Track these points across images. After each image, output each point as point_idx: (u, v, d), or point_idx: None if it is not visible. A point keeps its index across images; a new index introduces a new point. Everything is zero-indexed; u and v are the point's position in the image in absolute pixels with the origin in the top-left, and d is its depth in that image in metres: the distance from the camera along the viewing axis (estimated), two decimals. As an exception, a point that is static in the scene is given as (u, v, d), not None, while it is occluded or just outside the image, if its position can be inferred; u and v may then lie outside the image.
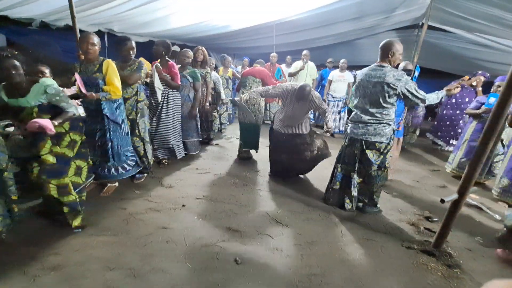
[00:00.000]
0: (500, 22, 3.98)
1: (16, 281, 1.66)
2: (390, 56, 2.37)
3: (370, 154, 2.50)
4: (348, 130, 2.62)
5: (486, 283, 0.44)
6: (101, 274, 1.74)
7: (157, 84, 3.10)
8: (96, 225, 2.23)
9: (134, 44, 2.74)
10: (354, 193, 2.64)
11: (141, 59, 2.96)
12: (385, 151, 2.52)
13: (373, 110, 2.42)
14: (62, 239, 2.03)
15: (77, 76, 2.32)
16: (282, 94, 3.13)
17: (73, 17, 3.02)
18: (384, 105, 2.38)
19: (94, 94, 2.32)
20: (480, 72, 4.85)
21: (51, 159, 2.02)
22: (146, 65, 3.06)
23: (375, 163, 2.52)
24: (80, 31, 3.15)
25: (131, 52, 2.72)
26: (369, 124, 2.45)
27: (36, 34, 4.78)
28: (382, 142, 2.47)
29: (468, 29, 4.99)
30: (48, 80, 1.99)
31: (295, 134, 3.17)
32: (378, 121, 2.43)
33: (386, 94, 2.34)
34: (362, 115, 2.48)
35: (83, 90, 2.28)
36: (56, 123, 1.96)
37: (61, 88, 2.03)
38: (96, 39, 2.38)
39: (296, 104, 3.06)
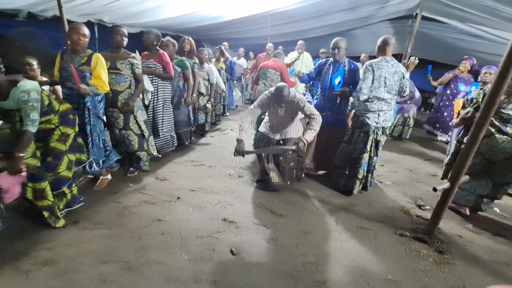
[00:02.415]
0: (493, 13, 3.99)
1: (8, 277, 1.64)
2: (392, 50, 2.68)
3: (383, 139, 2.79)
4: (369, 122, 2.66)
5: None
6: (96, 268, 1.73)
7: (148, 86, 3.01)
8: (90, 218, 2.21)
9: (126, 32, 2.69)
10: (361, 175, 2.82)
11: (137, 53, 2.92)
12: None
13: (388, 99, 2.65)
14: (54, 234, 2.01)
15: (72, 67, 2.24)
16: (265, 104, 2.75)
17: (60, 7, 2.94)
18: (396, 93, 2.70)
19: (86, 88, 2.26)
20: (465, 57, 4.89)
21: (34, 162, 1.94)
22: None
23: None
24: (69, 21, 3.06)
25: (124, 39, 2.66)
26: (386, 112, 2.69)
27: (24, 25, 4.64)
28: (389, 126, 2.85)
29: (461, 20, 5.01)
30: (27, 85, 1.79)
31: (283, 139, 2.81)
32: (390, 108, 2.71)
33: (400, 83, 2.67)
34: (381, 104, 2.65)
35: (78, 83, 2.23)
36: (20, 155, 1.78)
37: (35, 98, 1.82)
38: (87, 31, 2.33)
39: (280, 109, 2.73)
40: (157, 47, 3.14)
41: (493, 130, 2.36)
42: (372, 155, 2.77)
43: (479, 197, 2.51)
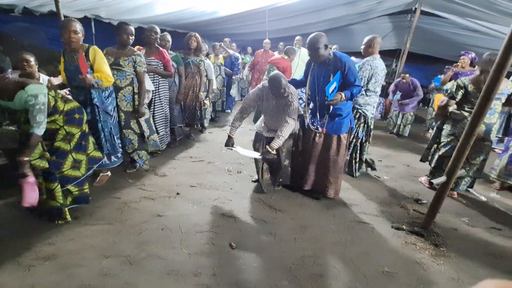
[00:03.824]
0: (492, 7, 3.99)
1: (10, 271, 1.65)
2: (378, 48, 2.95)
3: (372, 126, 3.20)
4: (367, 113, 3.02)
5: (478, 283, 0.46)
6: (97, 262, 1.75)
7: (148, 85, 3.00)
8: (90, 214, 2.23)
9: (133, 30, 2.68)
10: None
11: (137, 47, 2.91)
12: None
13: (378, 92, 3.02)
14: (55, 229, 2.02)
15: (80, 57, 2.26)
16: (257, 98, 2.59)
17: (57, 2, 2.92)
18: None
19: (91, 78, 2.26)
20: (462, 52, 4.85)
21: (42, 164, 1.95)
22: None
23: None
24: (65, 17, 3.04)
25: (130, 38, 2.65)
26: (376, 103, 3.11)
27: (20, 21, 4.60)
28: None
29: (460, 14, 5.00)
30: (35, 89, 1.80)
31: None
32: (377, 99, 3.12)
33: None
34: (375, 98, 2.99)
35: (84, 74, 2.25)
36: (24, 159, 1.78)
37: (43, 102, 1.82)
38: (79, 27, 2.27)
39: (275, 101, 2.50)
40: (156, 44, 3.14)
41: (466, 114, 2.72)
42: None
43: (458, 178, 2.80)
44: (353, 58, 6.22)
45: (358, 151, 3.17)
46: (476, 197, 2.95)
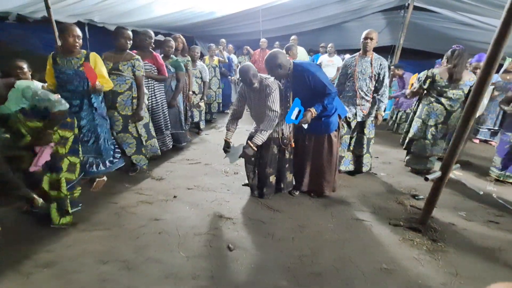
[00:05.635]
0: (484, 0, 4.00)
1: (9, 279, 1.66)
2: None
3: None
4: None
5: (488, 286, 0.46)
6: (95, 268, 1.75)
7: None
8: (88, 220, 2.23)
9: (131, 34, 2.69)
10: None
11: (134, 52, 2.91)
12: None
13: None
14: (53, 236, 2.02)
15: (88, 67, 2.29)
16: (240, 97, 2.54)
17: (48, 8, 2.91)
18: None
19: (100, 86, 2.33)
20: (454, 46, 4.83)
21: (62, 151, 2.05)
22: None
23: None
24: (58, 22, 3.04)
25: (128, 42, 2.66)
26: None
27: (14, 28, 4.60)
28: None
29: (452, 8, 5.01)
30: (23, 82, 1.86)
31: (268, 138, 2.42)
32: None
33: None
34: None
35: (93, 83, 2.30)
36: (50, 131, 1.95)
37: (40, 85, 1.93)
38: (79, 31, 2.30)
39: (253, 96, 2.42)
40: (150, 48, 3.13)
41: (432, 99, 3.04)
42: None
43: (426, 158, 3.14)
44: (347, 55, 6.25)
45: (366, 146, 3.15)
46: (473, 191, 2.96)
